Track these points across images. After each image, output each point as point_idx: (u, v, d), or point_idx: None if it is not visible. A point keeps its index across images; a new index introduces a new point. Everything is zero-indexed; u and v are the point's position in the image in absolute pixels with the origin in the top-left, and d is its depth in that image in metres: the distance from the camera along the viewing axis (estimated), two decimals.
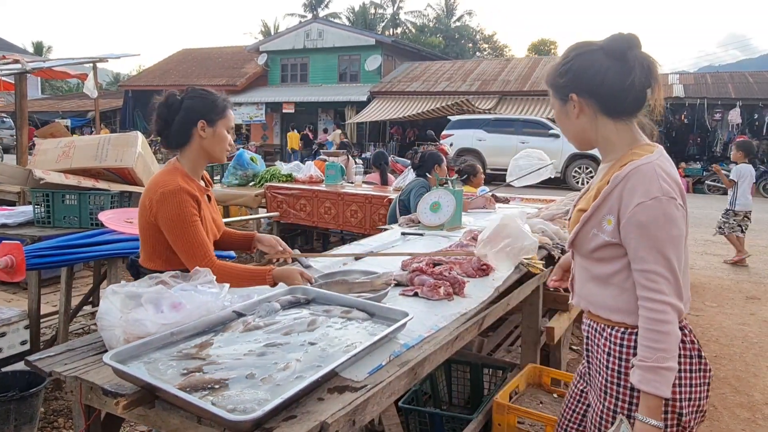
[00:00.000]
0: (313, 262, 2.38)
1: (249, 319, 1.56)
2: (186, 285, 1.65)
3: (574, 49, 1.44)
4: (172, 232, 1.86)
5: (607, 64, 1.37)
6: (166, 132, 1.98)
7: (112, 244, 3.16)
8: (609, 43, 1.38)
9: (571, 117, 1.45)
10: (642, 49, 1.38)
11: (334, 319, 1.62)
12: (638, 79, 1.35)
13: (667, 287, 1.28)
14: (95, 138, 3.81)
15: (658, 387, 1.26)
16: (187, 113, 1.94)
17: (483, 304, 1.95)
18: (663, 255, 1.28)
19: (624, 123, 1.42)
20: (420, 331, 1.63)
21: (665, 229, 1.28)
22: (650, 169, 1.31)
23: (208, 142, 1.96)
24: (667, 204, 1.28)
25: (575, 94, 1.42)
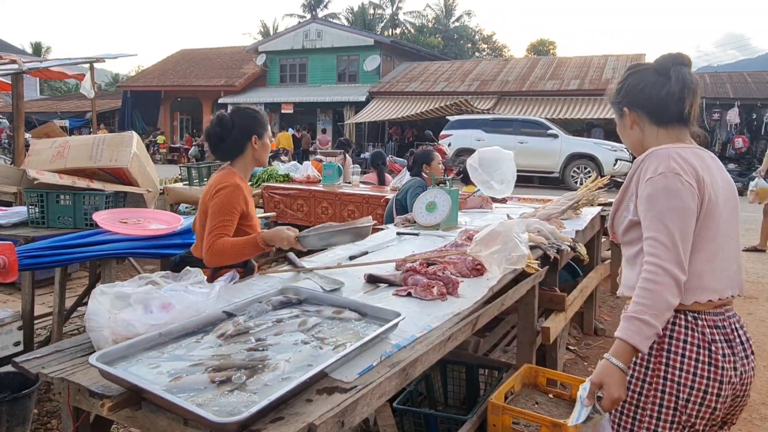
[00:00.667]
0: (306, 263, 2.37)
1: (239, 320, 1.54)
2: (176, 285, 1.64)
3: (630, 68, 1.61)
4: (212, 214, 2.16)
5: (653, 80, 1.52)
6: (219, 145, 2.32)
7: (106, 245, 3.14)
8: (658, 62, 1.54)
9: (627, 128, 1.61)
10: (688, 66, 1.52)
11: (326, 319, 1.60)
12: (674, 88, 1.49)
13: (664, 253, 1.35)
14: (90, 138, 3.79)
15: (629, 335, 1.34)
16: (241, 130, 2.29)
17: (477, 304, 1.94)
18: (663, 224, 1.37)
19: (673, 129, 1.53)
20: (412, 332, 1.61)
21: (666, 200, 1.38)
22: (664, 152, 1.44)
23: (258, 152, 2.35)
24: (672, 179, 1.38)
25: (627, 108, 1.58)
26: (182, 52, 30.21)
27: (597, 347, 3.83)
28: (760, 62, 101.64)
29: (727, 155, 16.86)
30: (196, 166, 6.82)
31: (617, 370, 1.36)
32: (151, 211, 3.63)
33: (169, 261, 2.55)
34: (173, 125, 27.66)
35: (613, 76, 18.73)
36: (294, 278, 2.17)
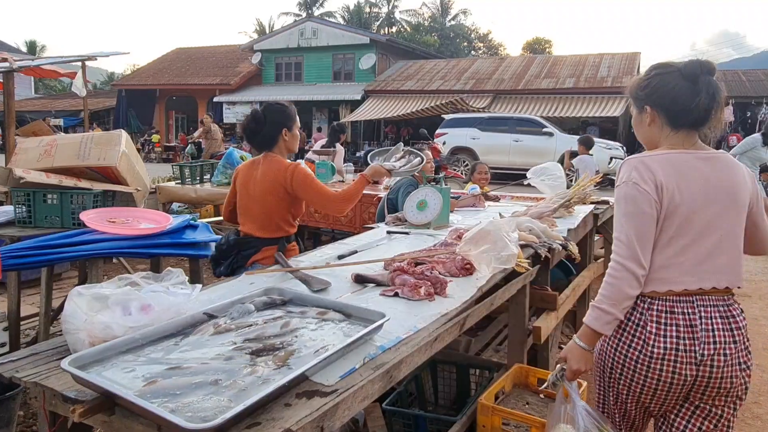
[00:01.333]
0: (294, 262, 2.34)
1: (220, 321, 1.51)
2: (157, 286, 1.61)
3: (657, 68, 1.69)
4: (308, 189, 2.56)
5: (681, 85, 1.60)
6: (256, 138, 2.66)
7: (93, 245, 3.10)
8: (686, 67, 1.62)
9: (644, 124, 1.71)
10: (713, 75, 1.62)
11: (309, 320, 1.57)
12: (703, 101, 1.58)
13: (624, 251, 1.55)
14: (78, 136, 3.74)
15: (591, 321, 1.59)
16: (273, 125, 2.63)
17: (465, 304, 1.91)
18: (622, 226, 1.58)
19: (682, 133, 1.65)
20: (398, 333, 1.58)
21: (624, 205, 1.59)
22: (631, 162, 1.62)
23: (289, 142, 2.68)
24: (630, 187, 1.58)
25: (649, 106, 1.67)
26: (177, 50, 30.09)
27: None
28: (755, 61, 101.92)
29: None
30: (189, 165, 6.77)
31: (578, 348, 1.63)
32: (140, 210, 3.59)
33: (220, 244, 2.78)
34: (168, 124, 27.55)
35: (608, 74, 18.74)
36: (281, 278, 2.14)
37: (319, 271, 2.19)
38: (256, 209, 2.64)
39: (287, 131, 2.65)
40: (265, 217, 2.62)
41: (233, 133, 24.77)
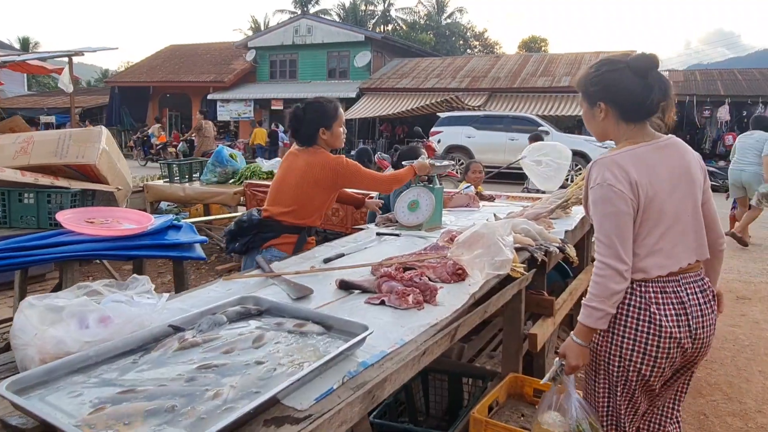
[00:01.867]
0: (276, 266, 2.21)
1: (187, 335, 1.38)
2: (119, 295, 1.47)
3: (606, 63, 1.75)
4: (358, 176, 2.68)
5: (633, 81, 1.68)
6: (297, 135, 2.70)
7: (69, 246, 2.96)
8: (635, 61, 1.69)
9: (597, 119, 1.79)
10: (658, 67, 1.70)
11: (285, 333, 1.44)
12: (656, 96, 1.68)
13: (605, 250, 1.64)
14: (55, 133, 3.59)
15: (583, 319, 1.68)
16: (310, 124, 2.65)
17: (456, 312, 1.78)
18: (602, 227, 1.66)
19: (635, 125, 1.74)
20: (382, 346, 1.45)
21: (602, 207, 1.66)
22: (602, 163, 1.69)
23: (328, 140, 2.69)
24: (605, 188, 1.65)
25: (603, 102, 1.74)
26: (171, 47, 29.85)
27: None
28: (749, 60, 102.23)
29: (717, 152, 16.84)
30: (177, 163, 6.63)
31: (575, 344, 1.71)
32: (120, 210, 3.44)
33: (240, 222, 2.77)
34: (162, 121, 27.32)
35: None
36: (261, 284, 2.01)
37: (303, 276, 2.06)
38: (289, 196, 2.65)
39: (325, 130, 2.66)
40: (296, 204, 2.64)
41: (227, 130, 24.58)
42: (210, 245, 6.75)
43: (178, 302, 1.79)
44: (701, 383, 3.19)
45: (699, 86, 17.96)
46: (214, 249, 6.59)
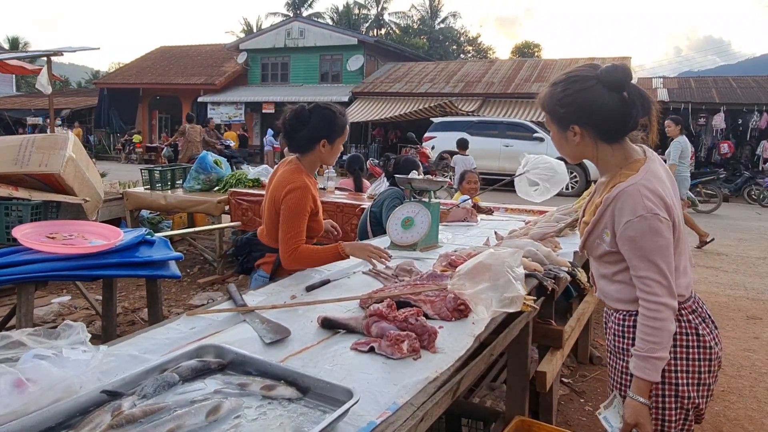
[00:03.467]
0: (250, 297, 1.93)
1: (124, 405, 1.09)
2: (43, 350, 1.19)
3: (574, 82, 1.53)
4: (284, 217, 2.25)
5: (608, 98, 1.49)
6: (293, 137, 2.36)
7: (24, 266, 2.66)
8: (606, 75, 1.49)
9: (570, 143, 1.59)
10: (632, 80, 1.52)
11: (250, 399, 1.16)
12: (639, 113, 1.51)
13: (660, 289, 1.46)
14: (17, 139, 3.29)
15: (648, 373, 1.47)
16: (313, 131, 2.31)
17: (460, 361, 1.51)
18: (653, 262, 1.46)
19: (618, 144, 1.57)
20: (370, 415, 1.18)
21: (652, 240, 1.46)
22: (634, 191, 1.48)
23: (325, 155, 2.37)
24: (652, 219, 1.45)
25: (577, 126, 1.54)
26: (161, 48, 29.49)
27: (594, 379, 3.43)
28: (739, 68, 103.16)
29: (712, 160, 16.72)
30: (160, 169, 6.33)
31: (645, 407, 1.50)
32: (86, 223, 3.15)
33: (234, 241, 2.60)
34: (152, 124, 26.93)
35: None
36: (231, 320, 1.73)
37: (280, 311, 1.78)
38: (265, 213, 2.44)
39: (327, 143, 2.34)
40: (269, 223, 2.40)
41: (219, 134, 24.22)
42: (193, 256, 6.45)
43: (130, 346, 1.51)
44: (720, 418, 2.93)
45: (694, 93, 17.86)
46: (197, 260, 6.28)
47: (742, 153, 16.94)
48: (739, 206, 13.17)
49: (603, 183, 1.63)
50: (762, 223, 10.28)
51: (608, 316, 1.71)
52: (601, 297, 1.71)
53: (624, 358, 1.60)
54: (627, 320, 1.60)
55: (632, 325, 1.56)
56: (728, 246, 7.76)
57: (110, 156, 24.10)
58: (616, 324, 1.64)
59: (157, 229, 6.35)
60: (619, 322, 1.62)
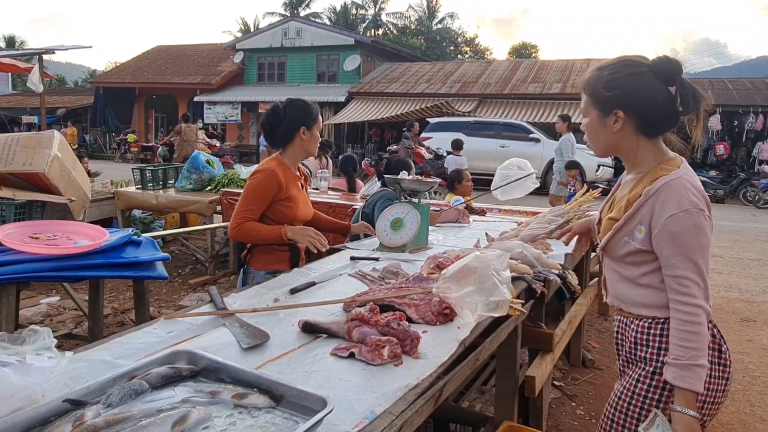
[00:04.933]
0: (232, 299, 1.89)
1: (87, 414, 1.04)
2: (6, 356, 1.14)
3: (625, 66, 1.48)
4: (242, 195, 2.47)
5: (657, 88, 1.44)
6: (272, 134, 2.54)
7: (5, 267, 2.60)
8: (658, 65, 1.45)
9: (608, 129, 1.51)
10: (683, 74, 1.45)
11: (221, 408, 1.12)
12: (688, 108, 1.43)
13: (698, 291, 1.38)
14: (2, 137, 3.23)
15: (693, 383, 1.36)
16: (291, 122, 2.50)
17: (443, 367, 1.47)
18: (693, 261, 1.38)
19: (656, 139, 1.51)
20: (346, 424, 1.13)
21: (695, 238, 1.39)
22: (680, 184, 1.41)
23: (306, 142, 2.55)
24: (697, 215, 1.39)
25: (622, 110, 1.47)
26: (158, 48, 29.39)
27: (586, 382, 3.39)
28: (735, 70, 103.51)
29: (708, 162, 16.72)
30: (151, 168, 6.27)
31: (696, 420, 1.38)
32: (71, 223, 3.09)
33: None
34: (148, 123, 26.83)
35: None
36: (210, 324, 1.69)
37: (261, 314, 1.74)
38: None
39: (306, 129, 2.52)
40: None
41: (215, 134, 24.15)
42: (185, 256, 6.40)
43: (103, 351, 1.46)
44: (712, 422, 2.89)
45: None
46: (189, 261, 6.23)
47: (738, 154, 16.95)
48: (734, 208, 13.18)
49: (633, 179, 1.54)
50: (757, 225, 10.28)
51: (625, 325, 1.59)
52: (617, 303, 1.61)
53: (646, 368, 1.49)
54: (653, 328, 1.49)
55: (659, 333, 1.47)
56: (723, 247, 7.75)
57: (106, 155, 24.01)
58: (638, 333, 1.52)
59: (149, 229, 6.30)
60: (643, 330, 1.51)
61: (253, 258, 2.54)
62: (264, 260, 2.52)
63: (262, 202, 2.43)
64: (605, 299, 1.69)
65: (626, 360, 1.59)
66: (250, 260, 2.55)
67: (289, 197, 2.49)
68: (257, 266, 2.54)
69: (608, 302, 1.67)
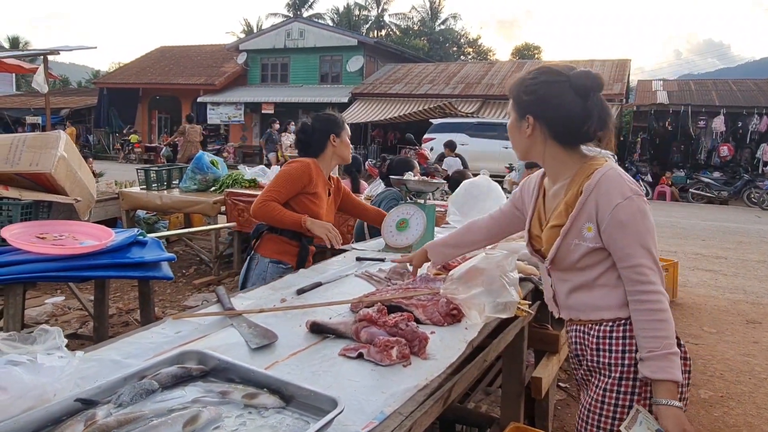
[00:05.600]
0: (239, 300, 1.89)
1: (98, 414, 1.05)
2: (17, 355, 1.14)
3: (544, 73, 1.50)
4: (274, 179, 2.60)
5: (570, 100, 1.45)
6: (307, 148, 2.70)
7: (12, 267, 2.61)
8: (576, 78, 1.45)
9: (522, 133, 1.54)
10: (601, 92, 1.46)
11: (231, 408, 1.12)
12: (594, 125, 1.45)
13: (656, 277, 1.37)
14: (7, 138, 3.24)
15: (673, 372, 1.33)
16: (321, 133, 2.68)
17: (451, 367, 1.47)
18: (646, 248, 1.38)
19: (572, 148, 1.51)
20: (356, 425, 1.13)
21: (643, 223, 1.38)
22: (615, 174, 1.42)
23: (338, 148, 2.71)
24: (639, 200, 1.39)
25: (532, 117, 1.50)
26: (161, 48, 29.46)
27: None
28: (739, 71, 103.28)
29: (712, 163, 16.68)
30: (154, 169, 6.29)
31: (681, 410, 1.35)
32: (77, 224, 3.11)
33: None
34: (151, 124, 26.89)
35: None
36: (218, 324, 1.69)
37: (268, 315, 1.74)
38: None
39: (335, 137, 2.68)
40: None
41: (218, 135, 24.19)
42: (189, 257, 6.41)
43: (112, 351, 1.46)
44: (719, 424, 2.89)
45: (694, 96, 17.83)
46: (193, 261, 6.24)
47: (742, 156, 16.90)
48: (738, 209, 13.15)
49: (561, 187, 1.52)
50: (762, 227, 10.25)
51: (584, 333, 1.53)
52: (573, 315, 1.55)
53: (612, 375, 1.45)
54: (615, 330, 1.45)
55: (621, 335, 1.43)
56: (727, 249, 7.73)
57: (109, 156, 24.08)
58: (600, 338, 1.47)
59: (153, 229, 6.32)
60: (605, 335, 1.46)
61: (262, 244, 2.64)
62: (271, 248, 2.61)
63: (292, 188, 2.54)
64: (557, 316, 1.63)
65: (588, 369, 1.55)
66: (258, 246, 2.65)
67: (316, 194, 2.60)
68: (264, 253, 2.63)
69: (562, 317, 1.62)
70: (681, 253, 7.21)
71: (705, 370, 3.58)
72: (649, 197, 15.44)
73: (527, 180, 1.74)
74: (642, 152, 17.13)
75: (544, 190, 1.62)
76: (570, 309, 1.56)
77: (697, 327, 4.41)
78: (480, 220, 1.91)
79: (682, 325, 4.46)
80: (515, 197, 1.77)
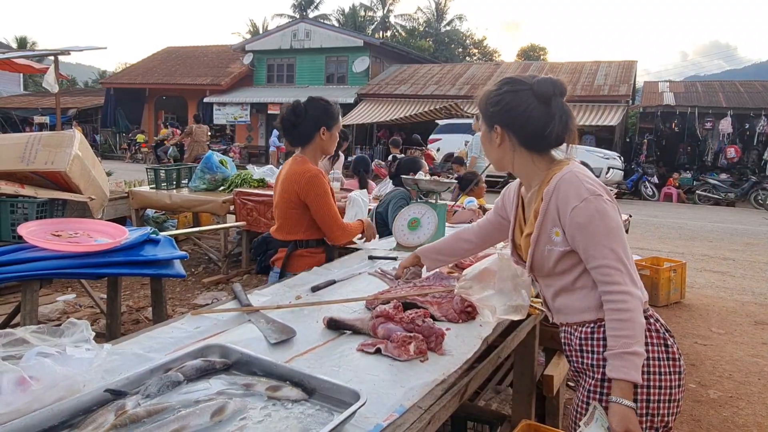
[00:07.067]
0: (256, 297, 1.92)
1: (128, 404, 1.07)
2: (48, 346, 1.17)
3: (508, 83, 1.54)
4: (319, 206, 2.42)
5: (533, 107, 1.49)
6: (292, 132, 2.51)
7: (29, 263, 2.65)
8: (538, 85, 1.50)
9: (493, 143, 1.58)
10: (564, 97, 1.51)
11: (255, 400, 1.14)
12: (556, 129, 1.49)
13: (620, 277, 1.37)
14: (22, 137, 3.29)
15: (627, 372, 1.33)
16: (312, 120, 2.48)
17: (467, 363, 1.49)
18: (609, 248, 1.38)
19: (540, 155, 1.55)
20: (377, 417, 1.16)
21: (601, 224, 1.39)
22: (572, 176, 1.44)
23: (325, 142, 2.53)
24: (596, 201, 1.40)
25: (499, 126, 1.54)
26: (168, 49, 29.57)
27: None
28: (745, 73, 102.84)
29: (719, 165, 16.63)
30: (165, 168, 6.33)
31: (632, 410, 1.35)
32: (91, 222, 3.14)
33: (256, 239, 2.68)
34: (157, 124, 26.98)
35: (605, 82, 18.46)
36: (236, 320, 1.72)
37: (286, 311, 1.76)
38: (277, 209, 2.55)
39: (326, 130, 2.51)
40: (282, 217, 2.53)
41: (223, 134, 24.28)
42: (198, 255, 6.45)
43: (134, 345, 1.49)
44: (728, 424, 2.89)
45: (701, 98, 17.78)
46: (202, 260, 6.28)
47: (749, 158, 16.83)
48: (745, 211, 13.11)
49: (533, 193, 1.57)
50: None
51: (569, 335, 1.57)
52: (562, 318, 1.58)
53: (595, 376, 1.47)
54: (596, 332, 1.47)
55: (602, 337, 1.44)
56: (735, 251, 7.71)
57: (116, 155, 24.20)
58: (582, 339, 1.50)
59: (162, 228, 6.36)
60: (587, 336, 1.49)
61: (293, 262, 2.47)
62: (303, 264, 2.44)
63: (333, 199, 2.51)
64: (551, 320, 1.66)
65: (576, 370, 1.59)
66: (289, 265, 2.47)
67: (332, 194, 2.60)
68: (296, 270, 2.40)
69: (555, 322, 1.64)
70: (689, 254, 7.20)
71: (714, 370, 3.58)
72: (655, 199, 15.41)
73: (507, 188, 1.77)
74: (648, 154, 17.09)
75: (523, 199, 1.66)
76: (558, 312, 1.59)
77: (705, 328, 4.41)
78: (469, 229, 1.94)
79: (690, 326, 4.47)
80: (497, 206, 1.81)
